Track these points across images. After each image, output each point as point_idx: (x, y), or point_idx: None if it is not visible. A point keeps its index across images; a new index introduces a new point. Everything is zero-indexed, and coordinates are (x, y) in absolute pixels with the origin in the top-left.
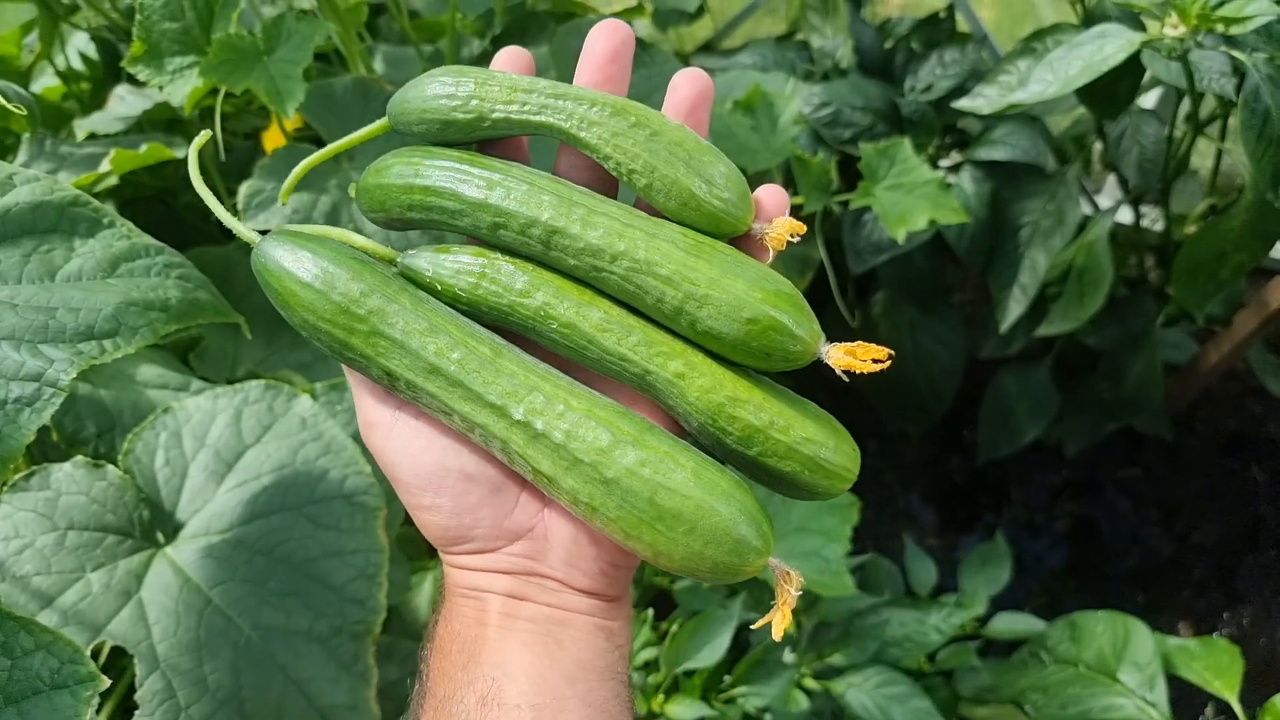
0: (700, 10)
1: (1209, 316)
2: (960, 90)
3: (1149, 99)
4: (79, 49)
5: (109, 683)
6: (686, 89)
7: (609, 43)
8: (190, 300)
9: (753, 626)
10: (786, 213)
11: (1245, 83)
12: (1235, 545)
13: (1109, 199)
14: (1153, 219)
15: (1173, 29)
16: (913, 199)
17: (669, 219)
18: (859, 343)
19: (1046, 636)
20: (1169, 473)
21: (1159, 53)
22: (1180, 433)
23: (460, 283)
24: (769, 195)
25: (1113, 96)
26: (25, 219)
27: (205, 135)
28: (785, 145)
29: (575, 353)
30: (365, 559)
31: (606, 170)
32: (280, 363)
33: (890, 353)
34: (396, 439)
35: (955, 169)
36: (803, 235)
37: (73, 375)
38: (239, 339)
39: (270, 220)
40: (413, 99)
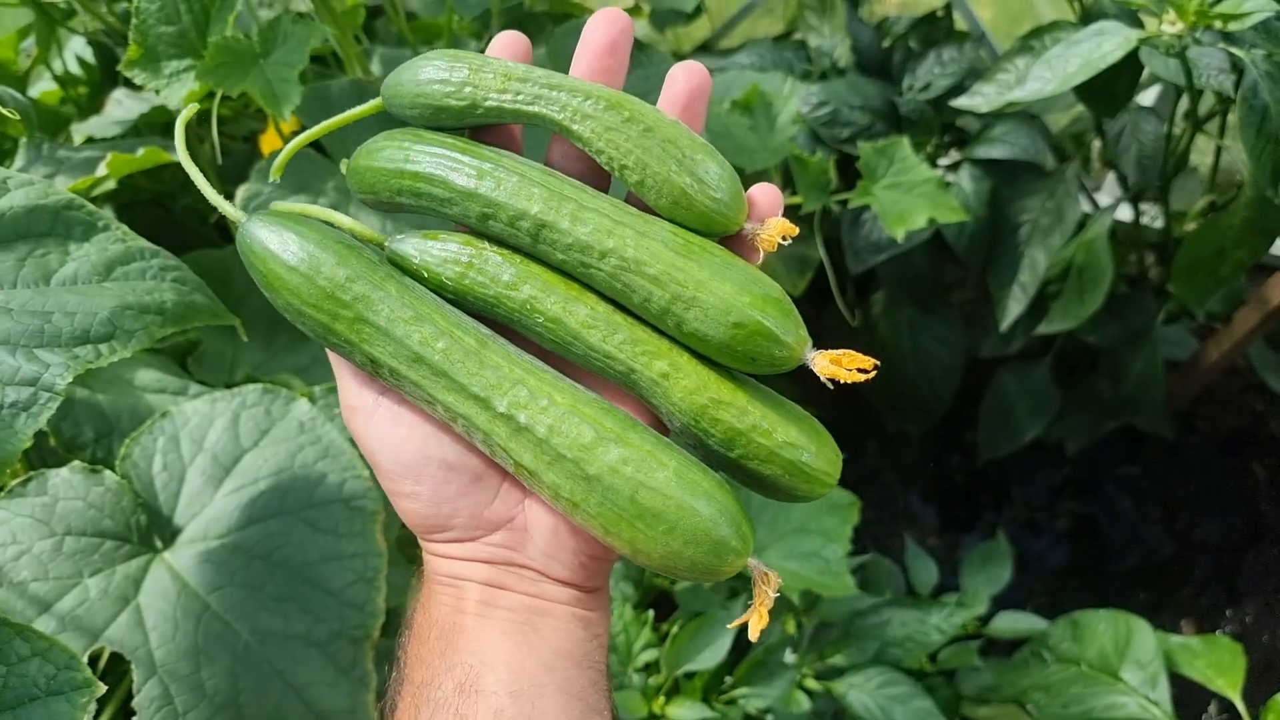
0: (698, 10)
1: (1209, 313)
2: (958, 89)
3: (1147, 96)
4: (76, 53)
5: (105, 688)
6: (684, 82)
7: (608, 33)
8: (186, 303)
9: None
10: (780, 212)
11: (1243, 79)
12: (1237, 543)
13: (1108, 196)
14: (1152, 216)
15: (1170, 26)
16: (912, 198)
17: (660, 216)
18: (845, 351)
19: (1048, 635)
20: (1170, 470)
21: (1157, 50)
22: (1181, 430)
23: (447, 271)
24: (763, 195)
25: (1111, 94)
26: (20, 223)
27: (192, 110)
28: (783, 145)
29: (560, 348)
30: (364, 563)
31: (599, 164)
32: (278, 366)
33: (876, 363)
34: (378, 425)
35: (954, 168)
36: (802, 235)
37: (69, 380)
38: (237, 342)
39: None
40: (406, 82)
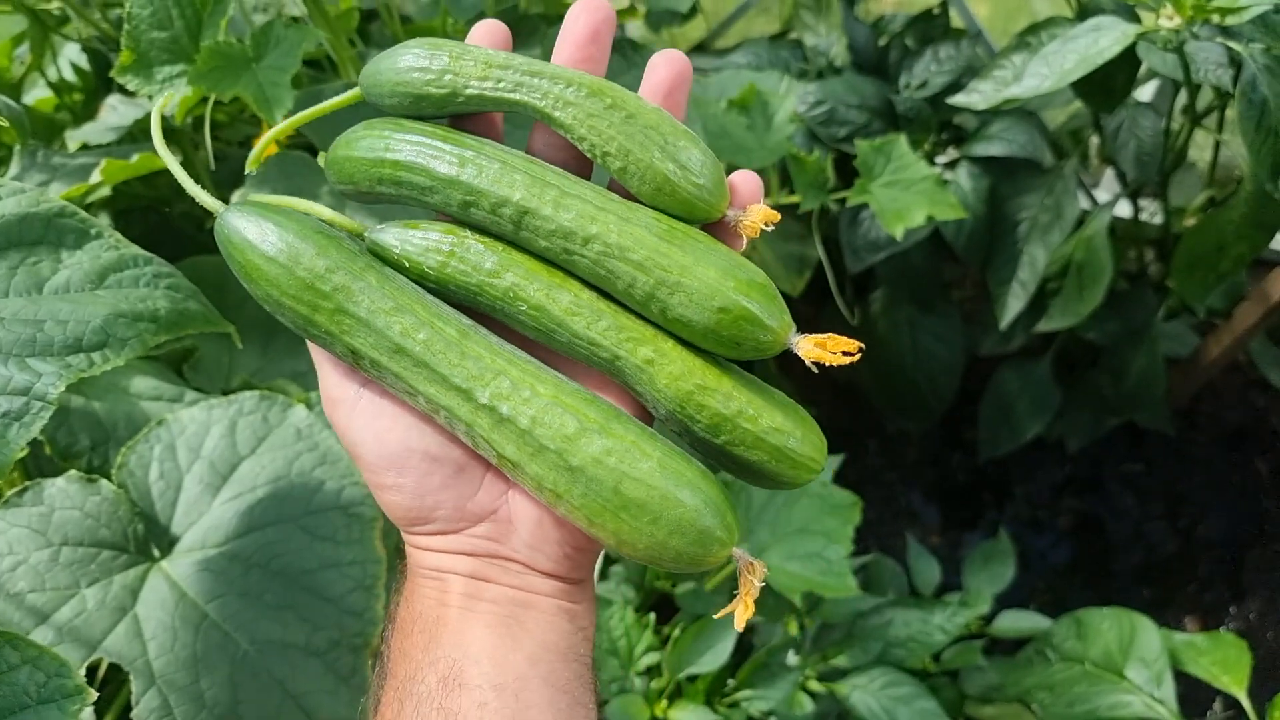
0: (693, 10)
1: (1210, 309)
2: (955, 86)
3: (1145, 92)
4: (70, 60)
5: (96, 695)
6: (665, 70)
7: (590, 20)
8: (180, 310)
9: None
10: (762, 199)
11: (1242, 73)
12: (1240, 539)
13: (1107, 193)
14: (1151, 212)
15: (1168, 20)
16: (910, 196)
17: (643, 203)
18: (829, 335)
19: (1052, 634)
20: (1172, 467)
21: (1154, 45)
22: (1183, 427)
23: (428, 260)
24: (744, 181)
25: (1109, 89)
26: (12, 231)
27: (166, 98)
28: (781, 144)
29: (544, 335)
30: (362, 570)
31: (581, 151)
32: (275, 372)
33: (860, 345)
34: (360, 417)
35: (952, 165)
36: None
37: (61, 389)
38: (233, 348)
39: None
40: (385, 70)
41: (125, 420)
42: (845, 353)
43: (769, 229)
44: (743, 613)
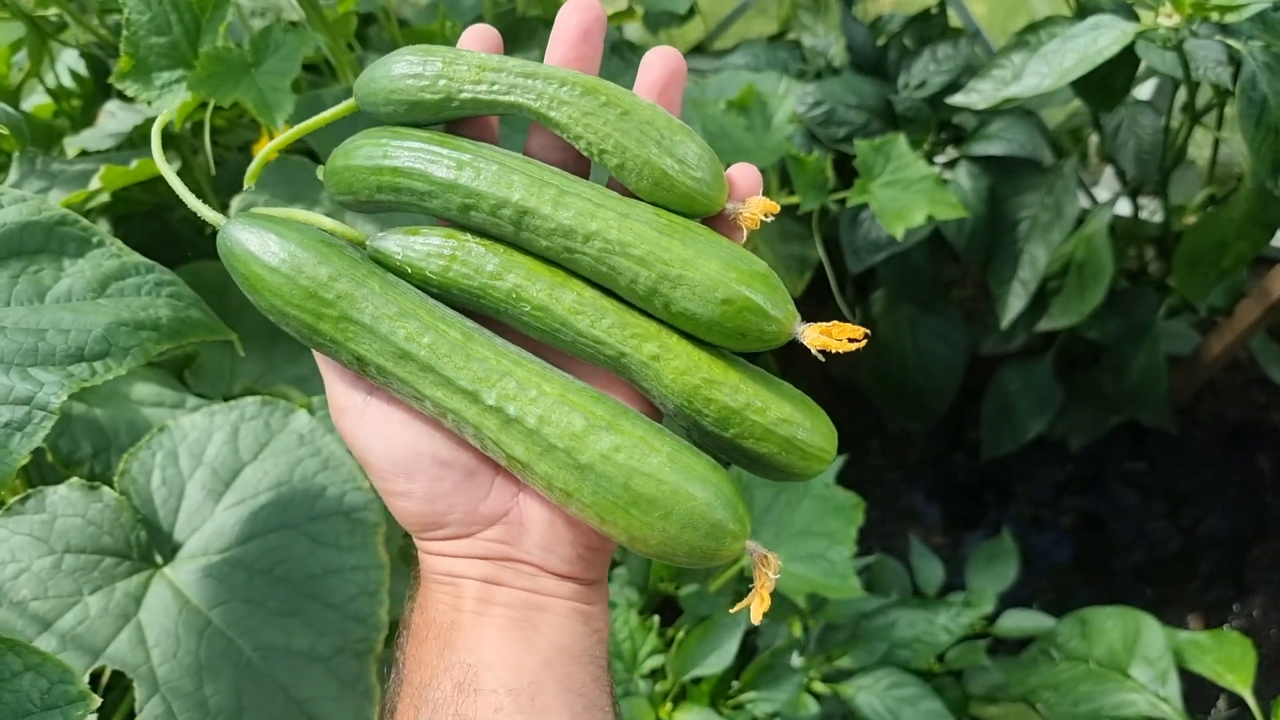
0: (691, 12)
1: (1211, 307)
2: (954, 86)
3: (1144, 90)
4: (69, 66)
5: (100, 702)
6: (658, 67)
7: (581, 20)
8: (182, 319)
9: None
10: (760, 192)
11: (1242, 71)
12: (1243, 536)
13: (1106, 191)
14: (1151, 210)
15: (1167, 19)
16: (910, 195)
17: (642, 199)
18: (834, 322)
19: (1056, 633)
20: (1174, 465)
21: (1154, 43)
22: (1184, 424)
23: (431, 265)
24: (742, 174)
25: (1108, 88)
26: (13, 239)
27: (166, 116)
28: (780, 145)
29: (549, 336)
30: (366, 576)
31: (578, 151)
32: (277, 377)
33: (866, 332)
34: (368, 424)
35: (951, 165)
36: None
37: (64, 398)
38: (234, 354)
39: None
40: (379, 79)
41: (127, 427)
42: (851, 339)
43: (768, 220)
44: (759, 606)
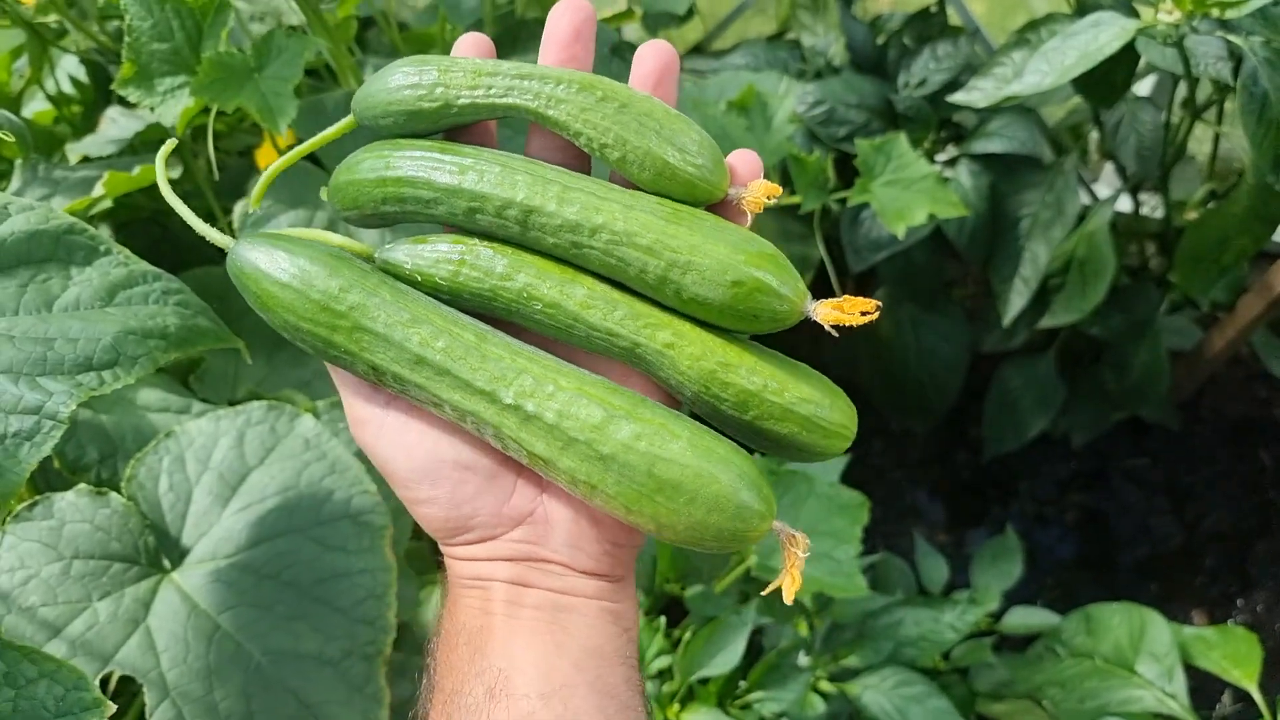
0: (690, 12)
1: (1213, 302)
2: (954, 84)
3: (1143, 86)
4: (68, 72)
5: (114, 708)
6: (652, 61)
7: (571, 20)
8: (189, 327)
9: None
10: (761, 176)
11: (1243, 67)
12: (1246, 531)
13: (1106, 188)
14: (1152, 206)
15: (1167, 15)
16: (911, 194)
17: (645, 190)
18: (845, 297)
19: (1062, 630)
20: (1177, 461)
21: (1154, 39)
22: (1187, 420)
23: (440, 272)
24: (742, 160)
25: (1109, 85)
26: (21, 248)
27: (170, 144)
28: (781, 145)
29: (562, 332)
30: (373, 579)
31: (578, 149)
32: (281, 381)
33: (878, 303)
34: (388, 434)
35: (952, 163)
36: (802, 235)
37: (73, 407)
38: (239, 359)
39: None
40: (377, 92)
41: (133, 433)
42: (864, 312)
43: (771, 202)
44: (790, 585)
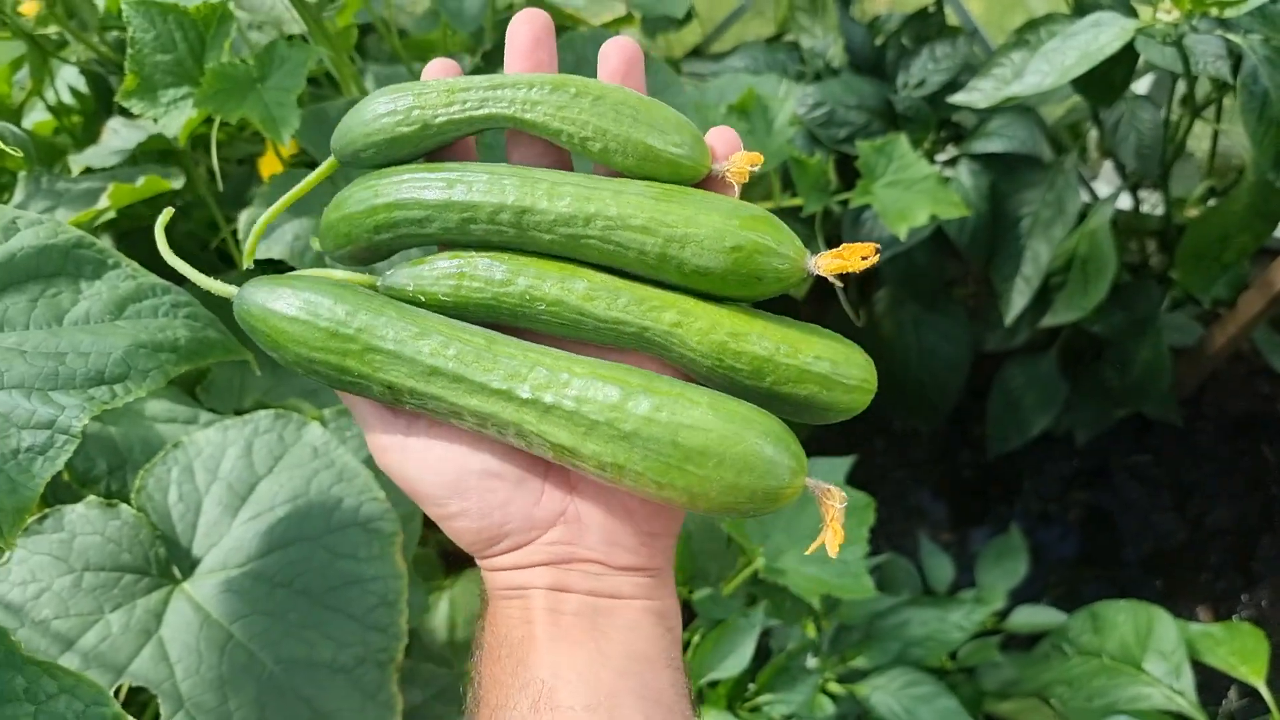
0: (688, 16)
1: (1214, 299)
2: (953, 84)
3: (1142, 84)
4: (68, 83)
5: None
6: (616, 57)
7: (530, 30)
8: (199, 339)
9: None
10: (740, 149)
11: (1243, 65)
12: (1250, 526)
13: (1107, 186)
14: (1152, 204)
15: (1166, 14)
16: (912, 195)
17: (631, 177)
18: (845, 245)
19: (1068, 628)
20: (1180, 457)
21: (1153, 39)
22: (1189, 416)
23: (442, 288)
24: (719, 137)
25: (1108, 84)
26: (31, 263)
27: (168, 213)
28: (782, 147)
29: (569, 328)
30: (385, 586)
31: (559, 152)
32: (288, 390)
33: (877, 246)
34: (412, 456)
35: (952, 163)
36: (804, 237)
37: (85, 421)
38: (245, 369)
39: (272, 248)
40: (354, 125)
41: (141, 444)
42: (864, 256)
43: (755, 169)
44: (833, 539)
